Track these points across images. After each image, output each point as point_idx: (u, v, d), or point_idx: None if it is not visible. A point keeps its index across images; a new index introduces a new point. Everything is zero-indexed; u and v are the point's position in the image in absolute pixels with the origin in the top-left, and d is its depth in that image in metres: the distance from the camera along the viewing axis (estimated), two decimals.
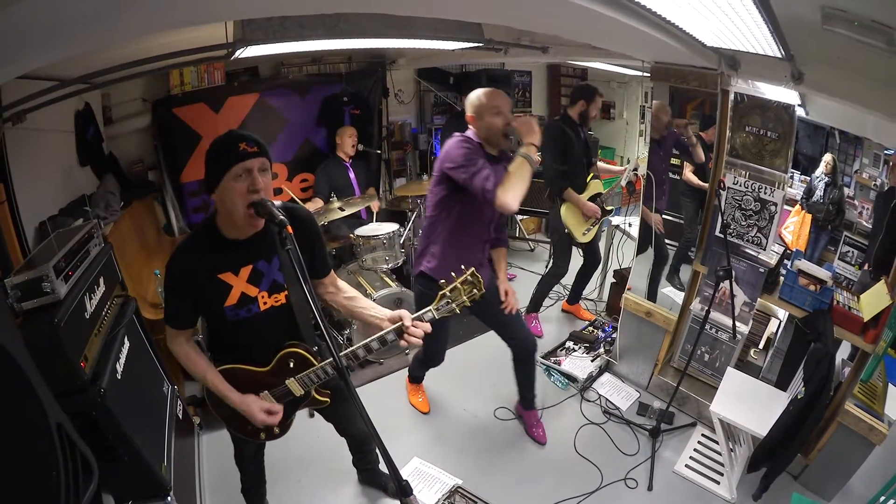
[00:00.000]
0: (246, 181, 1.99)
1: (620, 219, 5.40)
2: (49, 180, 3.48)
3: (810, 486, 3.36)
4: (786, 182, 3.32)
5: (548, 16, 2.40)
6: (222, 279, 2.15)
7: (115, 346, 2.41)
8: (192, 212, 5.32)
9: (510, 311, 3.47)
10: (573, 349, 4.85)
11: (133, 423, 2.22)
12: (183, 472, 2.94)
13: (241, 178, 1.99)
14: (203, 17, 1.99)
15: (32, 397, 1.34)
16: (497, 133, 3.03)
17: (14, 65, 1.72)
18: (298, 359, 2.31)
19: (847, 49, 2.30)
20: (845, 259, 3.73)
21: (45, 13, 1.28)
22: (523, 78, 7.75)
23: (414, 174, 7.09)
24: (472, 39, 3.75)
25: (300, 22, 2.85)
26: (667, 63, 3.47)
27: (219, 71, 5.13)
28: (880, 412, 2.97)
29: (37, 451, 1.36)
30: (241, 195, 2.00)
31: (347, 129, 5.50)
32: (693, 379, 4.06)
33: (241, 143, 1.98)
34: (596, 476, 3.55)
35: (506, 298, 3.44)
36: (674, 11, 2.27)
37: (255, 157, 2.00)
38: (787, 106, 3.14)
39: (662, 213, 4.31)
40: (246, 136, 2.02)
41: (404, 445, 3.80)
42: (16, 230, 2.77)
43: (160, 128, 4.99)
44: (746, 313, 3.66)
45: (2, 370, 1.27)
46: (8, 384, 1.29)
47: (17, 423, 1.33)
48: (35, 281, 1.98)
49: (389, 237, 4.80)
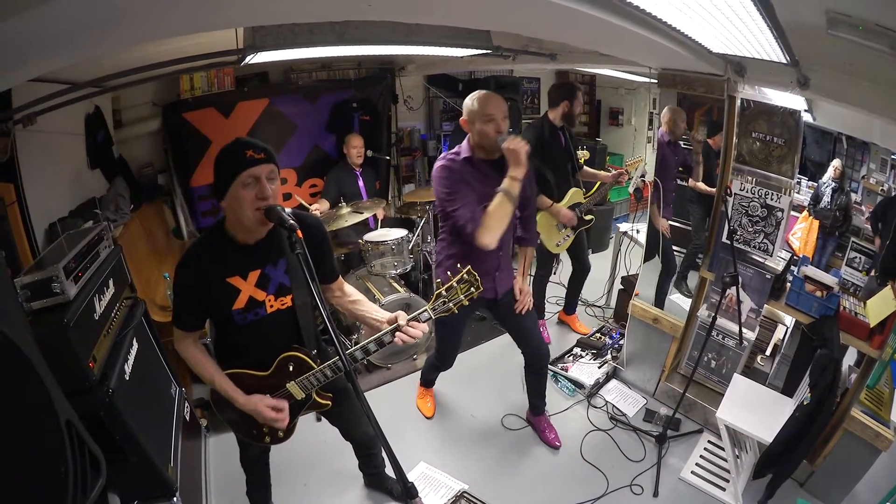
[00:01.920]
0: (254, 188, 2.01)
1: (628, 225, 5.39)
2: (59, 182, 3.52)
3: (816, 493, 3.35)
4: (792, 188, 3.31)
5: (555, 24, 2.40)
6: (231, 283, 2.18)
7: (123, 347, 2.43)
8: (201, 215, 5.35)
9: (523, 311, 3.44)
10: (580, 355, 4.84)
11: (140, 424, 2.24)
12: (189, 474, 2.96)
13: (248, 185, 2.01)
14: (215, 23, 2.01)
15: (43, 394, 1.35)
16: (489, 141, 2.93)
17: (27, 68, 1.74)
18: (297, 362, 2.33)
19: (852, 54, 2.31)
20: (853, 265, 3.71)
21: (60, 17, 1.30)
22: (532, 84, 7.77)
23: (423, 180, 7.10)
24: (481, 46, 3.75)
25: (310, 28, 2.86)
26: (674, 70, 3.47)
27: (229, 76, 5.16)
28: (886, 418, 2.96)
29: (46, 447, 1.37)
30: (249, 202, 2.01)
31: (353, 137, 5.50)
32: (700, 385, 4.05)
33: (249, 151, 2.00)
34: (602, 482, 3.54)
35: (520, 297, 3.41)
36: (680, 19, 2.27)
37: (263, 163, 2.01)
38: (793, 111, 3.14)
39: (669, 219, 4.30)
40: (253, 143, 2.03)
41: (411, 450, 3.80)
42: (26, 231, 2.80)
43: (170, 132, 5.02)
44: (753, 319, 3.65)
45: (13, 366, 1.29)
46: (19, 380, 1.31)
47: (28, 418, 1.34)
48: (45, 281, 2.01)
49: (398, 243, 4.80)
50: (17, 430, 1.31)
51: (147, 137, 5.09)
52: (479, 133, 2.95)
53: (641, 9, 2.06)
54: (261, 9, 1.87)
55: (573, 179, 4.73)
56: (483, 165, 3.04)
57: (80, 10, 1.30)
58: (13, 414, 1.30)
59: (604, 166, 7.70)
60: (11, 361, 1.28)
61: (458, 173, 3.00)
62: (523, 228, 3.42)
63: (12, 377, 1.29)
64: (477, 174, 3.02)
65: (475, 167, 3.03)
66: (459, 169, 3.01)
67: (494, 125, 2.90)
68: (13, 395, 1.30)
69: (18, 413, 1.32)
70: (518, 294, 3.42)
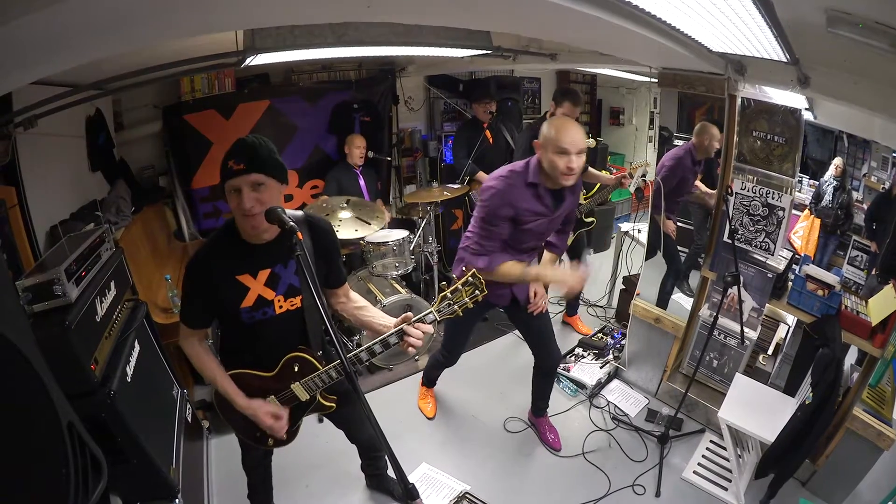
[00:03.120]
0: (237, 198, 2.01)
1: (629, 225, 5.39)
2: (60, 185, 3.51)
3: (818, 492, 3.35)
4: (794, 187, 3.31)
5: (555, 24, 2.40)
6: (240, 281, 2.18)
7: (125, 349, 2.42)
8: (202, 217, 5.33)
9: (536, 312, 3.42)
10: (582, 356, 4.83)
11: (142, 426, 2.23)
12: (191, 475, 2.96)
13: (233, 194, 2.02)
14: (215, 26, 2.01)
15: (44, 396, 1.35)
16: (556, 174, 2.79)
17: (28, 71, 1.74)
18: (303, 363, 2.33)
19: (852, 52, 2.31)
20: (854, 263, 3.71)
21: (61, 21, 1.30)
22: (532, 84, 7.75)
23: (424, 181, 7.09)
24: (481, 47, 3.76)
25: (309, 30, 2.87)
26: (674, 69, 3.47)
27: (229, 78, 5.16)
28: (888, 417, 2.96)
29: (48, 449, 1.37)
30: (236, 210, 2.04)
31: (355, 138, 5.49)
32: (702, 385, 4.05)
33: (230, 161, 1.99)
34: (604, 482, 3.54)
35: (534, 299, 3.39)
36: (680, 18, 2.27)
37: (242, 174, 1.98)
38: (793, 110, 3.14)
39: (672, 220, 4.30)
40: (237, 151, 2.02)
41: (413, 451, 3.80)
42: (27, 234, 2.80)
43: (171, 134, 5.02)
44: (755, 319, 3.65)
45: (14, 369, 1.29)
46: (20, 383, 1.31)
47: (29, 421, 1.35)
48: (46, 284, 2.00)
49: (399, 244, 4.81)
50: (18, 433, 1.31)
51: (148, 139, 5.08)
52: (549, 162, 2.80)
53: (641, 8, 2.06)
54: (260, 11, 1.87)
55: None
56: (544, 192, 2.94)
57: (81, 13, 1.31)
58: (15, 416, 1.30)
59: (605, 166, 7.69)
60: (13, 364, 1.28)
61: (511, 196, 2.89)
62: (557, 238, 3.41)
63: (14, 380, 1.29)
64: (533, 198, 2.94)
65: (535, 191, 2.94)
66: (517, 192, 2.91)
67: (567, 161, 2.75)
68: (15, 397, 1.30)
69: (20, 415, 1.32)
70: (532, 296, 3.40)
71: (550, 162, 2.78)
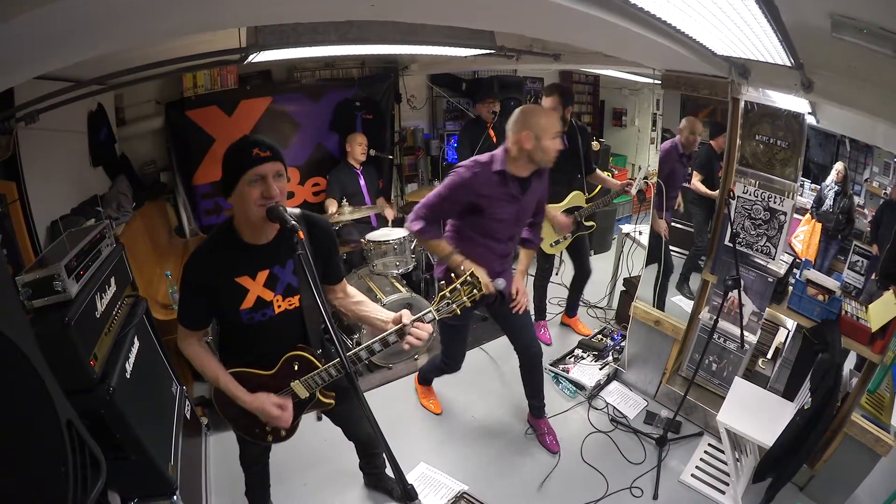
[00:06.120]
0: (260, 187, 2.01)
1: (630, 226, 5.38)
2: (61, 180, 3.51)
3: (815, 497, 3.34)
4: (796, 191, 3.30)
5: (559, 25, 2.40)
6: (239, 283, 2.18)
7: (124, 345, 2.42)
8: (203, 214, 5.35)
9: (518, 310, 3.45)
10: (582, 357, 4.83)
11: (141, 422, 2.23)
12: (189, 472, 2.96)
13: (255, 183, 2.01)
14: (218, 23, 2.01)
15: (43, 394, 1.35)
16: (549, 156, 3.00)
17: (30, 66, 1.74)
18: (303, 361, 2.33)
19: (856, 57, 2.30)
20: (855, 268, 3.71)
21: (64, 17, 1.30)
22: (535, 84, 7.75)
23: (426, 179, 7.11)
24: (484, 46, 3.75)
25: (313, 28, 2.86)
26: (677, 71, 3.47)
27: (232, 74, 5.17)
28: (887, 423, 2.94)
29: (46, 447, 1.37)
30: (254, 200, 2.02)
31: (357, 135, 5.51)
32: (701, 388, 4.04)
33: (255, 149, 2.00)
34: (602, 484, 3.54)
35: (515, 297, 3.41)
36: (684, 21, 2.27)
37: (269, 161, 2.01)
38: (796, 114, 3.13)
39: (671, 221, 4.29)
40: (260, 140, 2.03)
41: (411, 450, 3.80)
42: (28, 229, 2.80)
43: (173, 130, 5.04)
44: (755, 323, 3.65)
45: (13, 367, 1.29)
46: (19, 380, 1.31)
47: (28, 418, 1.34)
48: (46, 279, 2.00)
49: (400, 242, 4.81)
50: (17, 430, 1.31)
51: (150, 135, 5.10)
52: (542, 149, 2.95)
53: (646, 11, 2.05)
54: (264, 9, 1.87)
55: (577, 181, 4.71)
56: (512, 180, 3.04)
57: (84, 9, 1.31)
58: (13, 414, 1.30)
59: (607, 167, 7.69)
60: (11, 361, 1.28)
61: (475, 183, 3.02)
62: (530, 232, 3.45)
63: (12, 376, 1.29)
64: (500, 185, 3.03)
65: (503, 180, 3.03)
66: (481, 180, 3.02)
67: (558, 143, 2.99)
68: (13, 394, 1.30)
69: (19, 413, 1.32)
70: (513, 293, 3.42)
71: (545, 148, 2.95)
